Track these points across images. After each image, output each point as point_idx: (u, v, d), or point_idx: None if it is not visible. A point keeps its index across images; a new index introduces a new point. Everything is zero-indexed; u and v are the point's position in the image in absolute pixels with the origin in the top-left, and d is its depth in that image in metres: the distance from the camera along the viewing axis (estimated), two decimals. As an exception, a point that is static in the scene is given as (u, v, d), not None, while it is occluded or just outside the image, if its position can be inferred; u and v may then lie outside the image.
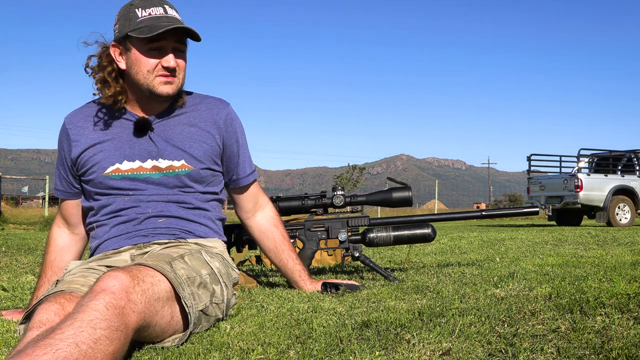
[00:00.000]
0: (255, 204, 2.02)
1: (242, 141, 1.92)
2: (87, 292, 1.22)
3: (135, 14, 1.68)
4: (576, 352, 1.18)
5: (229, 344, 1.34)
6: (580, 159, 11.90)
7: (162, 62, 1.70)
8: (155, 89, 1.70)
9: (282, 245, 2.04)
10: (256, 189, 2.02)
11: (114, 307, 1.17)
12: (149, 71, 1.69)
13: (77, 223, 1.90)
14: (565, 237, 5.25)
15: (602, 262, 2.82)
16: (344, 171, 25.73)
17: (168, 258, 1.50)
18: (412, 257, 3.54)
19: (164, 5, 1.71)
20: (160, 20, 1.67)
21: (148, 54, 1.69)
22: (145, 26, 1.66)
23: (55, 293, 1.37)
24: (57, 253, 1.89)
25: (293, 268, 2.08)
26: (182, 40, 1.74)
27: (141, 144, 1.75)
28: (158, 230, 1.69)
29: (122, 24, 1.70)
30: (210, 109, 1.84)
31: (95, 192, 1.75)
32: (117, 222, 1.72)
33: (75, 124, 1.79)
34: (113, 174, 1.72)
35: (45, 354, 1.02)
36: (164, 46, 1.70)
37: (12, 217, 12.88)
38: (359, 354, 1.22)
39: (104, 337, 1.10)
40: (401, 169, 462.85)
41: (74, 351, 1.04)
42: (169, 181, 1.73)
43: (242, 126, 1.93)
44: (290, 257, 2.06)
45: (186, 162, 1.75)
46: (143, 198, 1.72)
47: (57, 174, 1.87)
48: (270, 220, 2.04)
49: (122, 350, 1.17)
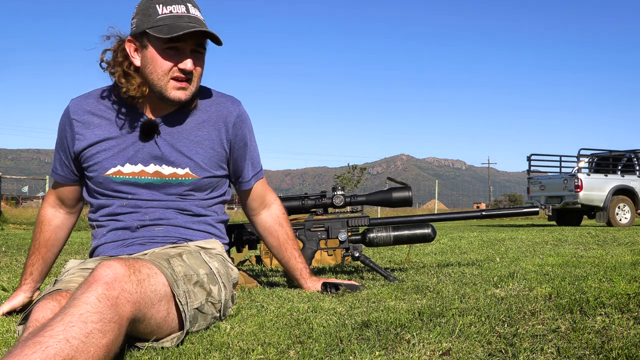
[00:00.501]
0: (262, 203, 2.00)
1: (250, 143, 1.86)
2: (82, 283, 1.20)
3: (156, 10, 1.60)
4: (576, 352, 1.18)
5: (229, 344, 1.34)
6: (580, 159, 11.91)
7: (179, 65, 1.62)
8: (168, 93, 1.63)
9: (285, 243, 2.03)
10: (262, 187, 1.99)
11: (107, 298, 1.14)
12: (164, 73, 1.62)
13: (74, 204, 1.88)
14: (565, 237, 5.25)
15: (602, 262, 2.82)
16: (344, 171, 25.73)
17: (166, 256, 1.49)
18: (412, 257, 3.54)
19: (186, 3, 1.63)
20: (182, 20, 1.59)
21: (165, 55, 1.61)
22: (165, 25, 1.58)
23: (53, 292, 1.37)
24: (52, 232, 1.88)
25: (294, 267, 2.08)
26: (202, 43, 1.66)
27: (146, 147, 1.69)
28: (155, 240, 1.66)
29: (141, 19, 1.62)
30: (220, 110, 1.77)
31: (95, 189, 1.72)
32: (114, 227, 1.68)
33: (81, 115, 1.71)
34: (114, 176, 1.68)
35: (35, 352, 1.00)
36: (182, 48, 1.62)
37: (12, 217, 12.87)
38: (359, 354, 1.22)
39: (96, 330, 1.08)
40: (401, 169, 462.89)
41: (65, 347, 1.02)
42: (170, 188, 1.69)
43: (251, 126, 1.88)
44: (292, 255, 2.06)
45: (190, 171, 1.70)
46: (141, 203, 1.68)
47: (57, 157, 1.80)
48: (276, 219, 2.02)
49: (117, 341, 1.15)
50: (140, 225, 1.67)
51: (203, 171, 1.72)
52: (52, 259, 1.91)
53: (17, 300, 1.88)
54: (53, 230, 1.88)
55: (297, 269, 2.08)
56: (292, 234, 2.06)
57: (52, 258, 1.91)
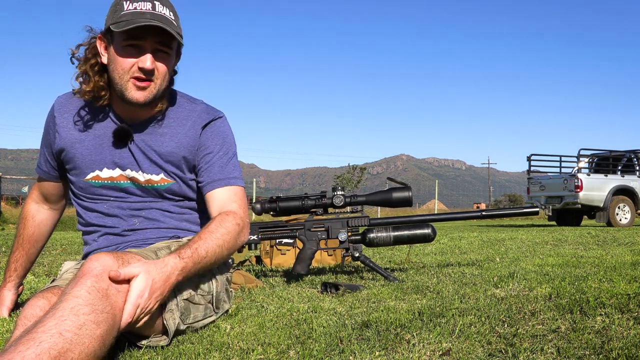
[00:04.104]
0: (220, 210, 1.70)
1: (214, 153, 1.70)
2: (72, 279, 1.21)
3: (122, 7, 1.54)
4: (576, 352, 1.18)
5: (229, 344, 1.34)
6: (580, 159, 11.90)
7: (138, 62, 1.54)
8: (127, 93, 1.56)
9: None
10: (225, 194, 1.70)
11: (97, 290, 1.15)
12: (124, 71, 1.54)
13: (58, 200, 1.88)
14: (565, 237, 5.25)
15: (602, 262, 2.82)
16: (344, 171, 25.73)
17: (154, 248, 1.50)
18: (412, 257, 3.54)
19: (154, 1, 1.55)
20: (143, 16, 1.51)
21: (124, 52, 1.54)
22: (124, 20, 1.51)
23: (45, 289, 1.37)
24: (36, 227, 1.88)
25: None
26: (166, 43, 1.57)
27: (122, 152, 1.66)
28: (149, 241, 1.66)
29: (108, 16, 1.57)
30: (194, 120, 1.70)
31: (78, 193, 1.71)
32: (104, 232, 1.68)
33: (63, 114, 1.68)
34: (93, 180, 1.67)
35: (29, 348, 1.00)
36: (142, 46, 1.54)
37: (12, 217, 12.87)
38: (359, 354, 1.22)
39: (89, 322, 1.09)
40: (401, 169, 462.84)
41: (59, 340, 1.03)
42: (150, 192, 1.68)
43: (227, 137, 1.74)
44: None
45: (165, 176, 1.67)
46: (124, 205, 1.67)
47: (42, 152, 1.78)
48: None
49: (112, 332, 1.15)
50: (130, 229, 1.67)
51: (178, 178, 1.69)
52: (35, 254, 1.92)
53: (9, 300, 1.89)
54: (37, 225, 1.89)
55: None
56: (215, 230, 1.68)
57: (35, 254, 1.92)
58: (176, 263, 1.37)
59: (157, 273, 1.31)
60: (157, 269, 1.31)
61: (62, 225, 10.85)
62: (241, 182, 1.72)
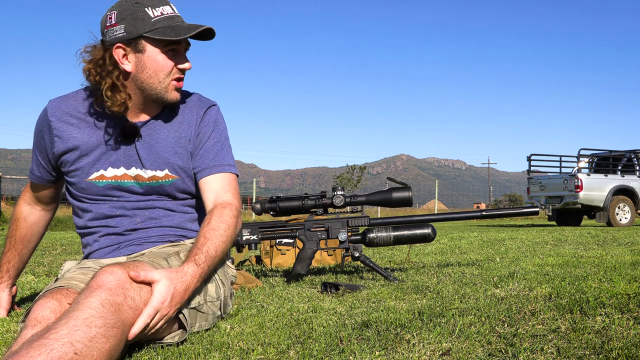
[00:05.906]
0: (215, 199, 1.71)
1: (208, 141, 1.74)
2: (84, 288, 1.21)
3: (147, 14, 1.58)
4: (576, 352, 1.18)
5: (229, 344, 1.34)
6: (580, 159, 11.90)
7: (178, 65, 1.63)
8: (167, 94, 1.64)
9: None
10: (219, 183, 1.72)
11: (110, 304, 1.16)
12: (165, 75, 1.62)
13: (50, 202, 1.90)
14: (565, 237, 5.25)
15: (602, 262, 2.82)
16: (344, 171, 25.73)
17: (164, 254, 1.50)
18: (412, 257, 3.54)
19: (169, 4, 1.63)
20: (176, 21, 1.60)
21: (166, 57, 1.61)
22: (165, 27, 1.58)
23: (53, 289, 1.37)
24: (28, 229, 1.89)
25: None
26: (188, 41, 1.68)
27: (126, 150, 1.67)
28: (151, 239, 1.66)
29: (132, 24, 1.57)
30: (192, 112, 1.74)
31: (77, 194, 1.70)
32: (106, 232, 1.67)
33: (59, 117, 1.67)
34: (96, 180, 1.66)
35: (40, 354, 1.01)
36: (178, 49, 1.64)
37: (12, 217, 12.87)
38: (359, 354, 1.22)
39: (99, 335, 1.10)
40: (401, 169, 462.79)
41: (69, 350, 1.03)
42: (154, 190, 1.69)
43: (220, 124, 1.78)
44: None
45: (170, 172, 1.68)
46: (128, 205, 1.67)
47: (34, 158, 1.77)
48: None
49: (119, 347, 1.16)
50: (132, 229, 1.67)
51: (182, 172, 1.70)
52: (27, 255, 1.93)
53: (4, 301, 1.90)
54: (29, 226, 1.89)
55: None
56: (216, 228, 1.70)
57: (27, 255, 1.93)
58: (194, 271, 1.42)
59: (178, 282, 1.36)
60: (178, 278, 1.37)
61: (62, 225, 10.86)
62: (234, 169, 1.76)
